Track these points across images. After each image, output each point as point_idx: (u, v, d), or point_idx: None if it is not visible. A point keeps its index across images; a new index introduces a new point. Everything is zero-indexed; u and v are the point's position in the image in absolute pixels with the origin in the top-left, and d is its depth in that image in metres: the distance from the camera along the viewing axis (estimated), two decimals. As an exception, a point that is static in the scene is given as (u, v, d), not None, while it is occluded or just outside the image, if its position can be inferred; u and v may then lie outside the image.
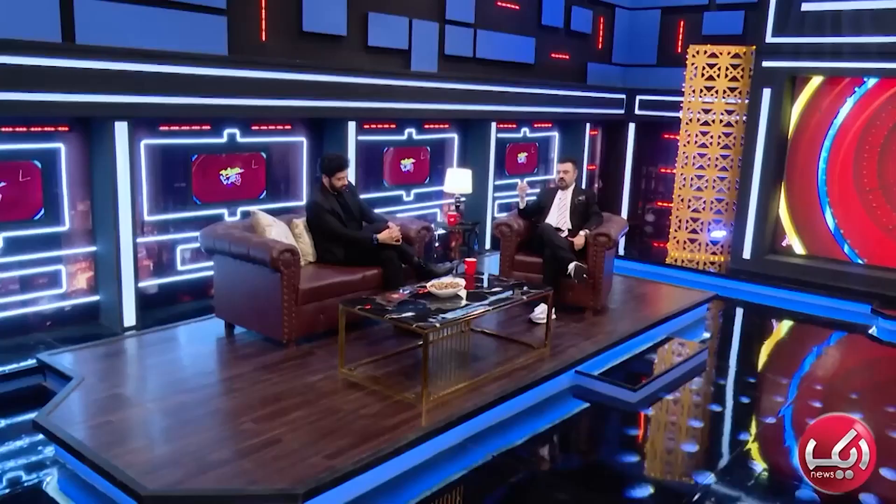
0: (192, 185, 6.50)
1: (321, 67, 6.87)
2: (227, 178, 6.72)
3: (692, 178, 9.63)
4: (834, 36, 8.22)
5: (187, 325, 5.91)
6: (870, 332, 7.30)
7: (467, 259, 5.82)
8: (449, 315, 4.76)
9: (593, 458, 4.85)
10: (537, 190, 10.15)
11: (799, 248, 9.08)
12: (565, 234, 6.60)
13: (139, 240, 6.09)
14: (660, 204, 11.50)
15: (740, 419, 5.42)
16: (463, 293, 5.20)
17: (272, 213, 6.31)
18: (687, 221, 9.73)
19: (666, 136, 11.00)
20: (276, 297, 5.23)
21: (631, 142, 11.50)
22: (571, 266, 6.14)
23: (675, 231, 9.83)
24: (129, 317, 5.96)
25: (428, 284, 5.19)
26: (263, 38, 6.66)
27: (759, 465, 4.60)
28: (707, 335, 7.19)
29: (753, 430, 5.20)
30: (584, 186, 9.88)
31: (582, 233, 6.45)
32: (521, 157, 10.10)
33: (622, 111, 11.18)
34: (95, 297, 6.05)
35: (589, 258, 6.36)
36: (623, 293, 7.40)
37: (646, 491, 4.21)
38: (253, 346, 5.45)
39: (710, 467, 4.52)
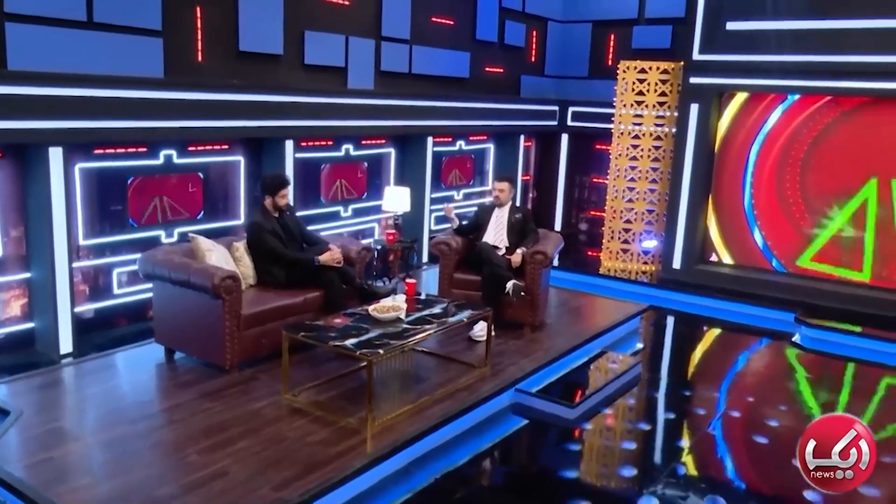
0: (128, 207, 6.43)
1: (258, 87, 6.88)
2: (164, 200, 6.66)
3: (624, 190, 9.93)
4: (758, 54, 8.59)
5: (126, 352, 5.84)
6: (793, 339, 7.68)
7: (407, 280, 5.93)
8: (392, 340, 4.86)
9: (534, 475, 4.99)
10: (472, 202, 10.39)
11: (728, 260, 9.46)
12: (503, 251, 6.75)
13: (75, 264, 5.99)
14: (592, 213, 11.82)
15: (676, 430, 5.68)
16: (404, 315, 5.30)
17: (210, 233, 6.34)
18: (619, 232, 10.04)
19: (598, 146, 11.30)
20: (218, 324, 5.23)
21: (564, 152, 11.78)
22: (510, 285, 6.29)
23: (608, 241, 10.12)
24: (66, 343, 5.86)
25: (370, 308, 5.27)
26: (200, 59, 6.62)
27: (695, 475, 4.87)
28: (640, 346, 7.46)
29: (690, 440, 5.47)
30: (518, 202, 10.12)
31: (519, 251, 6.61)
32: (457, 169, 10.24)
33: (555, 122, 11.45)
34: (30, 325, 5.94)
35: (526, 276, 6.53)
36: (559, 307, 7.60)
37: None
38: (194, 372, 5.43)
39: (646, 478, 4.76)
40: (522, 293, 6.35)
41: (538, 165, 12.09)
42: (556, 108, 11.38)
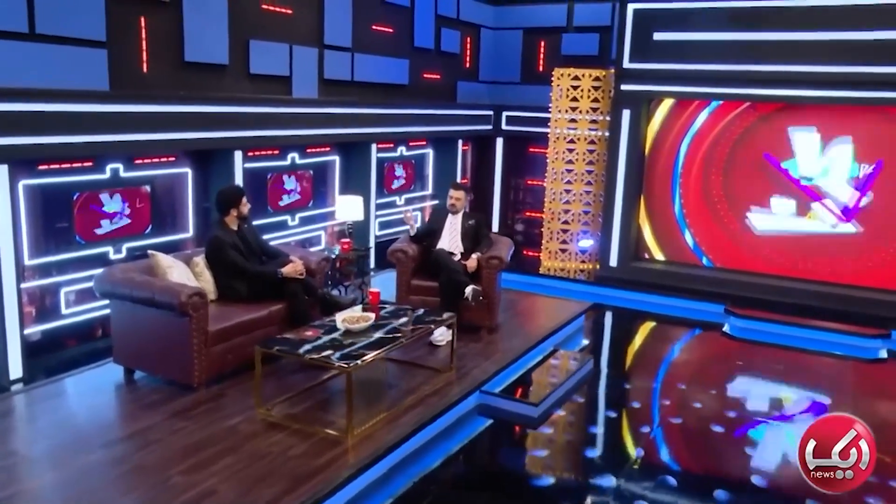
0: (74, 224, 6.23)
1: (204, 98, 6.78)
2: (112, 215, 6.47)
3: (561, 192, 10.22)
4: (684, 63, 9.07)
5: (82, 374, 5.66)
6: (723, 329, 8.21)
7: (371, 290, 5.97)
8: (368, 350, 4.90)
9: (504, 471, 5.18)
10: (417, 206, 10.50)
11: (661, 256, 9.89)
12: (458, 256, 6.90)
13: (22, 285, 5.76)
14: (528, 214, 12.10)
15: (629, 419, 5.97)
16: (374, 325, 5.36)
17: (159, 247, 6.23)
18: (557, 233, 10.32)
19: (532, 149, 11.57)
20: (185, 342, 5.15)
21: (499, 156, 12.02)
22: (469, 290, 6.43)
23: (548, 242, 10.39)
24: (16, 369, 5.61)
25: (340, 319, 5.29)
26: (145, 70, 6.47)
27: (650, 458, 5.19)
28: (586, 342, 7.76)
29: (641, 427, 5.81)
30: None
31: (474, 256, 6.77)
32: (399, 173, 10.31)
33: (490, 127, 11.68)
34: (-25, 350, 5.68)
35: (483, 280, 6.69)
36: (509, 308, 7.75)
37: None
38: (159, 391, 5.32)
39: (605, 462, 5.11)
40: (480, 297, 6.50)
41: (475, 168, 12.28)
42: (491, 112, 11.61)
